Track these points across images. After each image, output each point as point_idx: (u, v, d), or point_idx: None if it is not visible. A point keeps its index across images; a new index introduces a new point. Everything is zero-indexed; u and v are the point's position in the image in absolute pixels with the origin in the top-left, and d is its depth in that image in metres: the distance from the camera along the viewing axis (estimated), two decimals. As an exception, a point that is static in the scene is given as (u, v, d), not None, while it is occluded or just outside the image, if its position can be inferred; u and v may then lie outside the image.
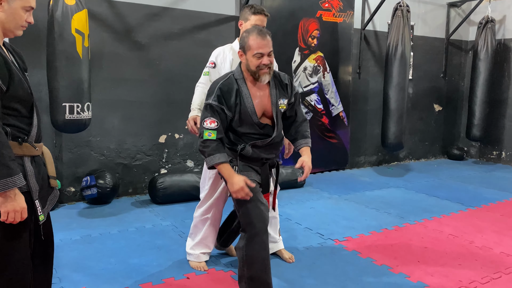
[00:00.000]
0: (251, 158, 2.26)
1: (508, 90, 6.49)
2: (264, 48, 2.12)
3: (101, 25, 4.08)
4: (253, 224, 2.15)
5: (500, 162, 6.66)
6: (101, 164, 4.23)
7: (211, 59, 2.82)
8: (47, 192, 1.82)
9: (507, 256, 3.07)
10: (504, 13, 6.44)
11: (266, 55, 2.13)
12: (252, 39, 2.13)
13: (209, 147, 2.13)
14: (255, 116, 2.21)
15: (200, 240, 2.80)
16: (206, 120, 2.13)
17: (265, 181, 2.31)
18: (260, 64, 2.13)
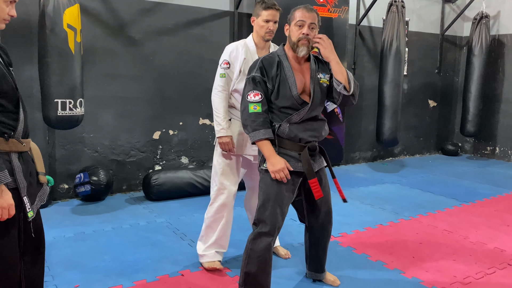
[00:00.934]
0: (289, 140, 2.15)
1: (502, 86, 6.51)
2: (307, 18, 2.13)
3: (94, 20, 4.03)
4: (266, 223, 2.14)
5: (494, 157, 6.68)
6: (94, 161, 4.20)
7: (224, 58, 2.57)
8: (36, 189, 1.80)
9: (501, 251, 3.08)
10: (499, 9, 6.44)
11: (307, 25, 2.13)
12: (298, 10, 2.18)
13: (254, 121, 2.10)
14: (295, 87, 2.14)
15: (214, 240, 2.67)
16: (250, 94, 2.12)
17: (307, 166, 2.13)
18: (300, 34, 2.12)
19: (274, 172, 2.08)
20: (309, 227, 2.41)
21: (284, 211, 2.18)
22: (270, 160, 2.10)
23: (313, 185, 2.13)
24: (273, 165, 2.09)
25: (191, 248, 3.03)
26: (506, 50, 6.43)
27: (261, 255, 2.15)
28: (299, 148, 2.16)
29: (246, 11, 4.83)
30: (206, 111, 4.74)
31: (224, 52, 2.61)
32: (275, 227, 2.15)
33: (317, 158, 2.25)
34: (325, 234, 2.40)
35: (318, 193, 2.14)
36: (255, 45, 2.60)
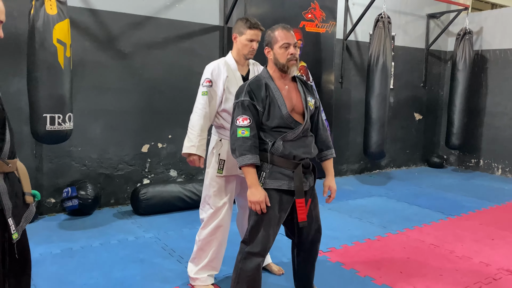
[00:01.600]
0: (282, 157, 2.14)
1: (485, 100, 6.66)
2: (290, 39, 2.16)
3: (83, 33, 4.03)
4: (256, 244, 2.14)
5: (478, 170, 6.81)
6: (82, 175, 4.16)
7: (206, 77, 2.54)
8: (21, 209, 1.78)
9: (486, 265, 3.13)
10: (481, 25, 6.61)
11: (292, 45, 2.16)
12: (279, 32, 2.19)
13: (242, 146, 2.09)
14: (284, 107, 2.14)
15: (206, 263, 2.62)
16: (239, 118, 2.12)
17: (298, 185, 2.13)
18: (288, 55, 2.15)
19: (253, 202, 2.09)
20: (298, 243, 2.40)
21: (276, 231, 2.19)
22: (252, 190, 2.09)
23: (299, 205, 2.13)
24: (253, 195, 2.08)
25: (180, 264, 3.02)
26: (488, 65, 6.59)
27: (251, 275, 2.15)
28: (293, 165, 2.15)
29: (235, 26, 4.87)
30: (195, 124, 4.74)
31: (206, 71, 2.57)
32: (266, 248, 2.16)
33: (309, 176, 2.25)
34: (314, 251, 2.41)
35: (302, 216, 2.14)
36: (235, 62, 2.57)
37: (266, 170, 2.15)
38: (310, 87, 2.34)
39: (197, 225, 3.74)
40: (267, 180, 2.14)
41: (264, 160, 2.15)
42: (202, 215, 2.65)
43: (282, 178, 2.14)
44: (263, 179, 2.14)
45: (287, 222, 2.34)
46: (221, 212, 2.58)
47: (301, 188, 2.14)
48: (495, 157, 6.59)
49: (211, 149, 2.63)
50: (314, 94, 2.32)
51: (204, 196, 2.64)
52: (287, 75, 2.22)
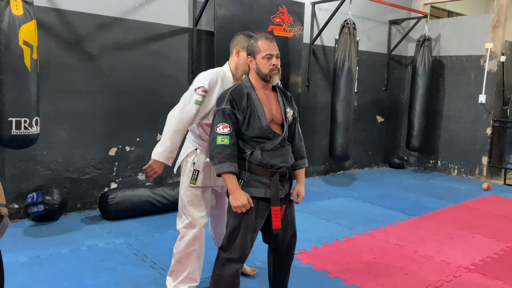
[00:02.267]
0: (260, 166, 2.18)
1: (442, 104, 6.99)
2: (272, 50, 2.20)
3: (48, 34, 3.91)
4: (234, 250, 2.19)
5: (436, 170, 7.14)
6: (47, 179, 4.05)
7: (201, 85, 2.39)
8: (-5, 222, 1.73)
9: (447, 264, 3.31)
10: (439, 32, 6.93)
11: (275, 56, 2.21)
12: (261, 43, 2.21)
13: (221, 154, 2.11)
14: (264, 118, 2.19)
15: (186, 276, 2.58)
16: (219, 126, 2.14)
17: (274, 193, 2.18)
18: (271, 66, 2.19)
19: (236, 207, 2.13)
20: (275, 249, 2.44)
21: (254, 237, 2.23)
22: (234, 195, 2.12)
23: (274, 213, 2.18)
24: (236, 200, 2.12)
25: (154, 270, 3.01)
26: (446, 70, 6.92)
27: (229, 281, 2.19)
28: (270, 174, 2.19)
29: (205, 28, 4.87)
30: (163, 126, 4.70)
31: (202, 78, 2.42)
32: (244, 254, 2.21)
33: (286, 183, 2.29)
34: (289, 256, 2.47)
35: (277, 223, 2.19)
36: (232, 76, 2.51)
37: (244, 178, 2.19)
38: (290, 97, 2.39)
39: (169, 230, 3.78)
40: (245, 188, 2.18)
41: (242, 168, 2.20)
42: (179, 226, 2.60)
43: (259, 186, 2.19)
44: (241, 187, 2.18)
45: (263, 228, 2.38)
46: (198, 223, 2.54)
47: (277, 196, 2.19)
48: (452, 158, 6.93)
49: (185, 156, 2.58)
50: (293, 105, 2.37)
51: (180, 206, 2.60)
52: (268, 85, 2.26)
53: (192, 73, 4.82)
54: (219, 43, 4.77)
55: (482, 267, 3.27)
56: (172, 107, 2.54)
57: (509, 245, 3.75)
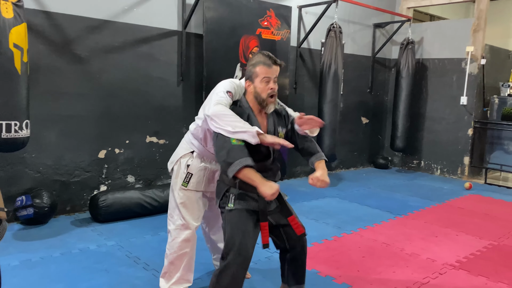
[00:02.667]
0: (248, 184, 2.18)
1: (425, 105, 7.15)
2: (271, 74, 2.24)
3: (37, 37, 3.90)
4: (233, 255, 2.16)
5: (419, 170, 7.30)
6: (36, 182, 4.03)
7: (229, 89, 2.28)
8: (-6, 226, 1.75)
9: (433, 261, 3.42)
10: (422, 35, 7.10)
11: (272, 80, 2.24)
12: (260, 67, 2.24)
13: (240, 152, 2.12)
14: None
15: (179, 277, 2.62)
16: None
17: (263, 207, 2.23)
18: (269, 90, 2.23)
19: (272, 194, 2.09)
20: (290, 248, 2.44)
21: (253, 243, 2.24)
22: (264, 185, 2.09)
23: (263, 228, 2.23)
24: (271, 188, 2.09)
25: (147, 272, 3.03)
26: (428, 73, 7.09)
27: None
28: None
29: (194, 31, 4.91)
30: (153, 128, 4.74)
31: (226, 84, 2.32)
32: (245, 256, 2.18)
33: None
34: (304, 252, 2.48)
35: (265, 239, 2.23)
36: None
37: (234, 193, 2.26)
38: (283, 116, 2.44)
39: (160, 231, 3.80)
40: (237, 201, 2.25)
41: (232, 186, 2.26)
42: (170, 226, 2.63)
43: (249, 200, 2.25)
44: (233, 200, 2.24)
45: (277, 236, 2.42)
46: (191, 225, 2.58)
47: (265, 212, 2.24)
48: (435, 159, 7.10)
49: (179, 157, 2.61)
50: (285, 123, 2.43)
51: (172, 207, 2.62)
52: (263, 110, 2.32)
53: (181, 76, 4.85)
54: (208, 45, 4.81)
55: (466, 264, 3.38)
56: (162, 109, 2.60)
57: (491, 243, 3.88)
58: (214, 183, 2.60)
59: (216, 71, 4.90)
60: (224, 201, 2.29)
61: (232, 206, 2.24)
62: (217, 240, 2.92)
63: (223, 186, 2.33)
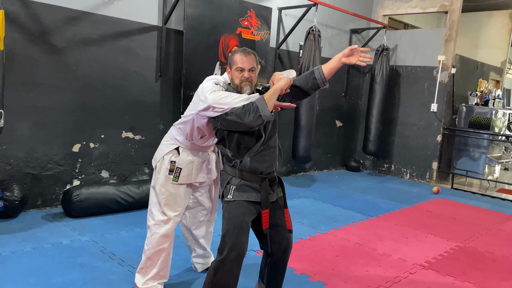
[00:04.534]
0: (250, 173, 2.28)
1: (398, 111, 7.35)
2: (245, 64, 2.28)
3: (13, 25, 3.78)
4: (227, 251, 2.19)
5: (390, 173, 7.50)
6: (6, 175, 3.90)
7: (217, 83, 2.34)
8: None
9: (404, 261, 3.53)
10: (396, 43, 7.30)
11: (247, 70, 2.28)
12: (237, 55, 2.30)
13: (248, 99, 2.18)
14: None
15: (156, 273, 2.63)
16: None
17: (265, 197, 2.29)
18: (242, 77, 2.28)
19: (286, 84, 2.22)
20: (272, 253, 2.45)
21: (247, 239, 2.26)
22: (278, 84, 2.20)
23: (264, 215, 2.29)
24: (281, 80, 2.22)
25: (122, 267, 3.00)
26: (401, 80, 7.29)
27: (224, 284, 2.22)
28: (260, 179, 2.30)
29: (174, 27, 4.88)
30: (129, 123, 4.67)
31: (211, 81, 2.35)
32: (241, 251, 2.22)
33: (276, 188, 2.39)
34: (285, 258, 2.48)
35: (266, 224, 2.30)
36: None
37: (235, 183, 2.29)
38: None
39: (135, 228, 3.77)
40: (236, 193, 2.28)
41: (233, 175, 2.30)
42: (150, 222, 2.62)
43: (249, 191, 2.29)
44: (232, 192, 2.27)
45: (261, 235, 2.45)
46: (171, 221, 2.60)
47: (267, 200, 2.29)
48: (405, 163, 7.31)
49: (163, 154, 2.61)
50: None
51: (154, 202, 2.62)
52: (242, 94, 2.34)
53: (160, 71, 4.82)
54: (188, 42, 4.79)
55: (435, 264, 3.51)
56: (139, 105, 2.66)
57: (458, 244, 4.04)
58: (204, 173, 2.69)
59: (195, 68, 4.89)
60: (224, 192, 2.33)
61: (231, 198, 2.27)
62: (199, 235, 2.93)
63: (226, 176, 2.36)
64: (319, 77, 2.31)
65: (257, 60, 2.36)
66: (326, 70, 2.33)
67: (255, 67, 2.32)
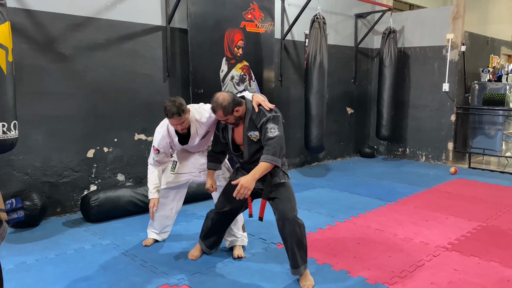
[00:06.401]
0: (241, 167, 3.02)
1: (408, 93, 7.27)
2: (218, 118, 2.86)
3: (20, 36, 3.81)
4: (217, 204, 3.10)
5: (405, 157, 7.42)
6: (24, 184, 3.96)
7: (154, 145, 3.18)
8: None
9: (426, 245, 3.49)
10: (403, 24, 7.19)
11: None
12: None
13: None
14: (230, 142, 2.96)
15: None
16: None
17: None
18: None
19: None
20: (276, 221, 2.85)
21: (235, 203, 3.00)
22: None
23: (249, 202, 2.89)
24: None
25: (145, 268, 3.02)
26: (410, 61, 7.19)
27: (205, 223, 3.16)
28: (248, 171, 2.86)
29: (178, 26, 4.87)
30: (141, 125, 4.69)
31: (154, 138, 3.21)
32: (223, 207, 3.06)
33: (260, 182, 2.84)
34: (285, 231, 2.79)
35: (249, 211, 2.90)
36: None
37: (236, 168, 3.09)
38: (258, 123, 2.77)
39: (155, 228, 3.76)
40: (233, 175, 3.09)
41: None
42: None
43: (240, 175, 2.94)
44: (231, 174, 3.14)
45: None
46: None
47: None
48: (419, 146, 7.22)
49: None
50: (257, 128, 2.79)
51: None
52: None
53: (167, 71, 4.82)
54: (193, 40, 4.78)
55: (458, 246, 3.47)
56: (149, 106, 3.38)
57: (480, 224, 3.99)
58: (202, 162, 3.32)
59: (202, 66, 4.88)
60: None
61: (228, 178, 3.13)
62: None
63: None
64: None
65: (227, 110, 2.73)
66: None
67: (223, 119, 2.81)
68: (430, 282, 2.84)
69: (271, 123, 2.72)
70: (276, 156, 2.65)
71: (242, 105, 2.79)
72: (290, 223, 2.75)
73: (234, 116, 2.77)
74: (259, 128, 2.77)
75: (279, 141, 2.68)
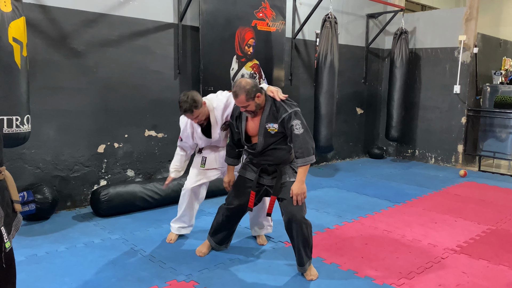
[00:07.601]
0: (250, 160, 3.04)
1: (419, 94, 7.22)
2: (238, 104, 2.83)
3: (34, 31, 3.86)
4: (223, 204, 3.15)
5: (414, 159, 7.38)
6: (36, 178, 4.00)
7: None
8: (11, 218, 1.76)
9: (434, 246, 3.48)
10: (415, 25, 7.15)
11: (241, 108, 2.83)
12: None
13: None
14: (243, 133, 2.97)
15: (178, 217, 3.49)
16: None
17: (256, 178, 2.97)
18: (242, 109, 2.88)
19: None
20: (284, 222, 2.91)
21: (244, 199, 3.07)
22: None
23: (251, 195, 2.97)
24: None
25: (153, 263, 3.04)
26: (421, 62, 7.15)
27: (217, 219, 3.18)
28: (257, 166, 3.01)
29: (189, 24, 4.89)
30: (151, 122, 4.72)
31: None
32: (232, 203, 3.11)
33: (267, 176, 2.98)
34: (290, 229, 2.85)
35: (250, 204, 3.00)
36: None
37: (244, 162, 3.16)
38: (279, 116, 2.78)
39: (162, 224, 3.82)
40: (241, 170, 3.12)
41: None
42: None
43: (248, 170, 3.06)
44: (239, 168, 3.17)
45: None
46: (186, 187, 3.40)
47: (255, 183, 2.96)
48: (429, 147, 7.18)
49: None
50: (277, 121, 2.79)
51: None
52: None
53: (178, 69, 4.84)
54: (204, 38, 4.80)
55: (467, 249, 3.45)
56: (159, 103, 3.21)
57: (489, 227, 3.96)
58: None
59: (212, 64, 4.90)
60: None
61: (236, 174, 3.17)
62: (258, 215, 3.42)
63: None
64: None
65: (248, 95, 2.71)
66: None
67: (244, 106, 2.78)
68: (438, 284, 2.83)
69: (295, 119, 2.75)
70: (309, 155, 2.74)
71: (263, 93, 2.81)
72: (298, 224, 2.79)
73: (255, 103, 2.76)
74: (280, 122, 2.78)
75: (306, 138, 2.74)
